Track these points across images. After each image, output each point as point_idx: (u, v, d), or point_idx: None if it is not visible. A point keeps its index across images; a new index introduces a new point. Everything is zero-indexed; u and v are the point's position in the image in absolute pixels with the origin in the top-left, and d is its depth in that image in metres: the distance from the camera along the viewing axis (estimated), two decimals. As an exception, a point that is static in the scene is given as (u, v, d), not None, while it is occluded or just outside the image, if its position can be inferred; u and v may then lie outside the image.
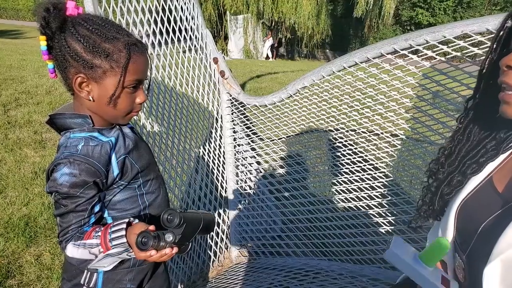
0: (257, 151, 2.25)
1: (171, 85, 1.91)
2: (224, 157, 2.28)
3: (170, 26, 1.84)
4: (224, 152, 2.27)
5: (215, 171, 2.25)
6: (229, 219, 2.37)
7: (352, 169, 1.84)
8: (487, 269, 0.65)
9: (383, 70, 1.45)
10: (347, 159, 1.83)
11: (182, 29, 1.93)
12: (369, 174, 1.79)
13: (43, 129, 4.06)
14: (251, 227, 2.37)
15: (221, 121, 2.20)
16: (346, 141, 1.81)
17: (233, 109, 2.17)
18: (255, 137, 2.24)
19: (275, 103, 1.88)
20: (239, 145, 2.27)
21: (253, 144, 2.27)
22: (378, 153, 1.73)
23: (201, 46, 2.05)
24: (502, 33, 0.71)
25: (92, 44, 0.82)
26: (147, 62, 0.91)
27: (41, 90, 5.44)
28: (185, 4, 1.93)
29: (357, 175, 1.83)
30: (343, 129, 1.80)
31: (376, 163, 1.78)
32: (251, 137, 2.25)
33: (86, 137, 0.89)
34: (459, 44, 1.22)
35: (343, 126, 1.79)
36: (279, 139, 2.07)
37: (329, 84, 1.65)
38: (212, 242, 2.25)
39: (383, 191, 1.78)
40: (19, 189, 2.86)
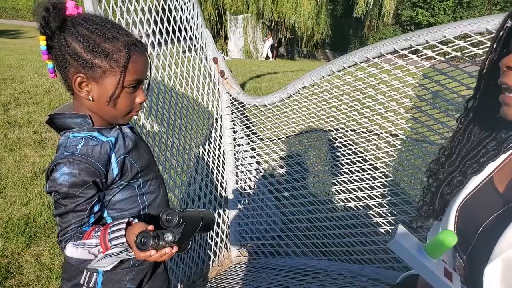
0: (257, 151, 2.25)
1: (171, 85, 1.91)
2: (224, 157, 2.28)
3: (170, 26, 1.84)
4: (224, 152, 2.27)
5: (215, 171, 2.24)
6: (229, 219, 2.37)
7: (352, 169, 1.84)
8: (487, 268, 0.65)
9: (383, 70, 1.45)
10: (347, 159, 1.83)
11: (182, 29, 1.93)
12: (368, 174, 1.79)
13: (42, 129, 4.06)
14: (251, 227, 2.37)
15: (221, 121, 2.20)
16: (346, 141, 1.81)
17: (233, 109, 2.17)
18: (255, 137, 2.24)
19: (275, 103, 1.88)
20: (239, 145, 2.27)
21: (253, 144, 2.27)
22: (377, 153, 1.73)
23: (201, 46, 2.05)
24: (502, 33, 0.71)
25: (92, 44, 0.82)
26: (146, 62, 0.91)
27: (40, 90, 5.44)
28: (184, 4, 1.93)
29: (357, 175, 1.83)
30: (342, 129, 1.80)
31: (375, 163, 1.78)
32: (251, 137, 2.25)
33: (85, 137, 0.89)
34: (459, 44, 1.22)
35: (343, 126, 1.79)
36: (279, 139, 2.07)
37: (329, 84, 1.65)
38: (212, 242, 2.25)
39: (383, 191, 1.78)
40: (18, 189, 2.86)
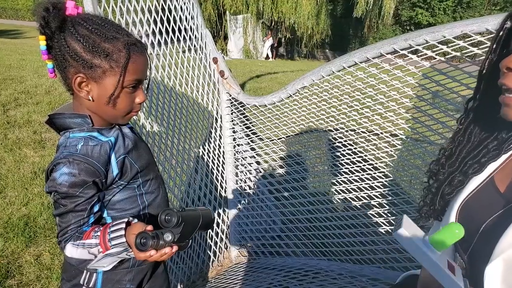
0: (256, 151, 2.25)
1: (171, 85, 1.91)
2: (223, 157, 2.28)
3: (169, 26, 1.84)
4: (223, 152, 2.27)
5: (215, 171, 2.24)
6: (228, 219, 2.37)
7: (351, 169, 1.83)
8: (488, 268, 0.65)
9: (383, 70, 1.45)
10: (347, 159, 1.83)
11: (181, 29, 1.93)
12: (368, 174, 1.79)
13: (42, 129, 4.06)
14: (250, 227, 2.37)
15: (221, 121, 2.20)
16: (345, 141, 1.81)
17: (232, 109, 2.17)
18: (254, 137, 2.24)
19: (275, 103, 1.88)
20: (238, 145, 2.27)
21: (253, 144, 2.27)
22: (377, 153, 1.73)
23: (200, 46, 2.05)
24: (501, 34, 0.71)
25: (91, 43, 0.82)
26: (146, 62, 0.91)
27: (40, 90, 5.43)
28: (184, 4, 1.93)
29: (356, 175, 1.82)
30: (342, 129, 1.80)
31: (375, 163, 1.78)
32: (250, 137, 2.25)
33: (85, 137, 0.89)
34: (459, 44, 1.22)
35: (342, 126, 1.79)
36: (278, 139, 2.07)
37: (329, 84, 1.65)
38: (211, 242, 2.25)
39: (383, 191, 1.78)
40: (18, 189, 2.86)
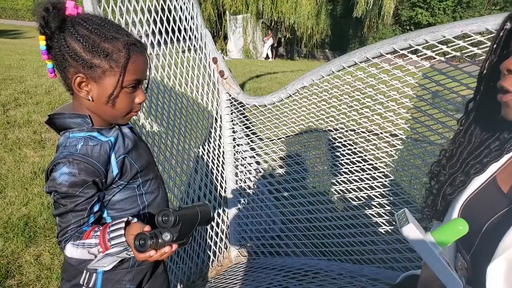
0: (256, 151, 2.25)
1: (171, 85, 1.91)
2: (223, 157, 2.28)
3: (169, 26, 1.84)
4: (223, 152, 2.27)
5: (215, 171, 2.24)
6: (228, 219, 2.37)
7: (351, 169, 1.83)
8: (490, 266, 0.65)
9: (383, 70, 1.45)
10: (347, 159, 1.83)
11: (181, 29, 1.93)
12: (368, 174, 1.79)
13: (42, 129, 4.06)
14: (250, 227, 2.37)
15: (221, 121, 2.20)
16: (345, 141, 1.81)
17: (232, 109, 2.17)
18: (254, 137, 2.24)
19: (275, 103, 1.88)
20: (238, 145, 2.27)
21: (253, 144, 2.27)
22: (377, 153, 1.73)
23: (200, 46, 2.05)
24: (501, 35, 0.71)
25: (91, 43, 0.82)
26: (146, 62, 0.91)
27: (40, 90, 5.43)
28: (184, 4, 1.93)
29: (356, 175, 1.82)
30: (342, 129, 1.80)
31: (375, 163, 1.78)
32: (250, 137, 2.25)
33: (85, 136, 0.89)
34: (459, 44, 1.22)
35: (342, 126, 1.79)
36: (278, 139, 2.07)
37: (329, 84, 1.65)
38: (211, 242, 2.25)
39: (383, 191, 1.78)
40: (18, 189, 2.86)
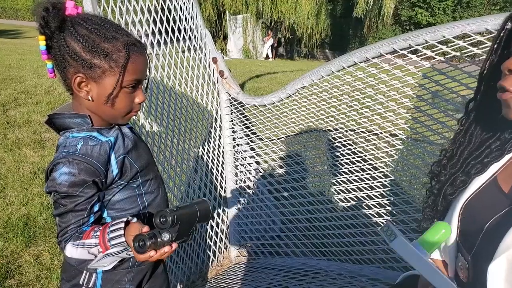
0: (256, 151, 2.25)
1: (170, 85, 1.91)
2: (223, 157, 2.28)
3: (169, 26, 1.84)
4: (223, 152, 2.27)
5: (214, 171, 2.24)
6: (228, 219, 2.37)
7: (351, 169, 1.83)
8: (491, 266, 0.65)
9: (382, 70, 1.45)
10: (346, 159, 1.83)
11: (181, 29, 1.93)
12: (368, 174, 1.79)
13: (42, 129, 4.06)
14: (250, 227, 2.37)
15: (220, 121, 2.20)
16: (345, 141, 1.81)
17: (232, 109, 2.17)
18: (254, 137, 2.24)
19: (274, 103, 1.88)
20: (238, 145, 2.27)
21: (252, 144, 2.27)
22: (377, 153, 1.73)
23: (200, 46, 2.04)
24: (502, 35, 0.71)
25: (91, 43, 0.82)
26: (146, 62, 0.91)
27: (40, 90, 5.43)
28: (184, 3, 1.93)
29: (356, 175, 1.83)
30: (342, 129, 1.80)
31: (375, 163, 1.78)
32: (250, 137, 2.25)
33: (85, 136, 0.89)
34: (459, 44, 1.22)
35: (342, 126, 1.79)
36: (278, 139, 2.07)
37: (328, 84, 1.65)
38: (211, 242, 2.25)
39: (382, 191, 1.78)
40: (18, 189, 2.86)
